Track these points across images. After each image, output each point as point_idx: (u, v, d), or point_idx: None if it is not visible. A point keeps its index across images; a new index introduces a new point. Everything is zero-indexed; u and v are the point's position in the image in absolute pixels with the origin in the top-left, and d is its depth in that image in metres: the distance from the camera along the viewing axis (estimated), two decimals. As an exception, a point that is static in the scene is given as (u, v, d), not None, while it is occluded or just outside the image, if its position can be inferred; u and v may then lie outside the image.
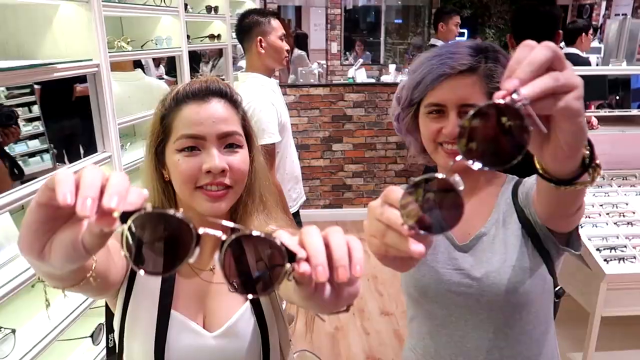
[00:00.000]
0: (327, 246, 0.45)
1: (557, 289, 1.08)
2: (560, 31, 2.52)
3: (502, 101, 0.45)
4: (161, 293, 0.90)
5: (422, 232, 0.48)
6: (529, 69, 0.47)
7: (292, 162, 2.46)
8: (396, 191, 0.51)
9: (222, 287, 0.95)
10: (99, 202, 0.43)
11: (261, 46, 2.24)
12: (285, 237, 0.45)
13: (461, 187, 0.47)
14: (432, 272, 1.05)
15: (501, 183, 1.10)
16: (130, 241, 0.44)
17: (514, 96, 0.45)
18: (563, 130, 0.52)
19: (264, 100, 2.17)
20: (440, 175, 0.47)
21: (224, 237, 0.44)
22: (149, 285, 0.91)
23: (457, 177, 0.47)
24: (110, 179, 0.45)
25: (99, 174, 0.45)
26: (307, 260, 0.44)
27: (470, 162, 0.48)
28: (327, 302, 0.46)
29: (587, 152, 0.61)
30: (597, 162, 0.62)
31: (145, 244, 0.45)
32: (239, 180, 0.91)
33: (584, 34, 4.06)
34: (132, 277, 0.92)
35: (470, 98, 0.97)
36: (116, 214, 0.43)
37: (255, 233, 0.44)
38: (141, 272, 0.45)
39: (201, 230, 0.45)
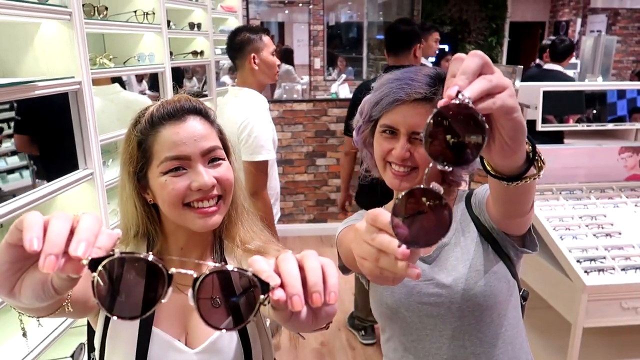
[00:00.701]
0: (302, 269, 0.46)
1: (521, 292, 1.13)
2: (420, 45, 2.69)
3: (456, 101, 0.50)
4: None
5: (416, 247, 0.50)
6: (464, 77, 0.52)
7: (275, 179, 2.48)
8: (383, 214, 0.52)
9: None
10: (65, 249, 0.43)
11: (254, 62, 2.28)
12: (260, 264, 0.46)
13: (442, 192, 0.50)
14: (401, 287, 1.07)
15: (454, 198, 1.15)
16: (102, 286, 0.44)
17: (460, 96, 0.50)
18: (504, 127, 0.57)
19: (261, 116, 2.20)
20: (421, 186, 0.49)
21: (195, 275, 0.45)
22: None
23: (436, 185, 0.49)
24: (80, 224, 0.45)
25: (66, 224, 0.44)
26: (283, 287, 0.44)
27: (440, 164, 0.51)
28: (304, 323, 0.47)
29: (530, 147, 0.67)
30: (540, 155, 0.69)
31: (117, 289, 0.45)
32: (228, 190, 0.92)
33: (573, 53, 4.26)
34: None
35: (421, 126, 0.98)
36: (84, 262, 0.43)
37: (227, 268, 0.45)
38: (114, 318, 0.44)
39: (173, 271, 0.45)
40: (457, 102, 0.50)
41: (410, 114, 1.02)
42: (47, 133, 1.56)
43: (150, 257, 0.45)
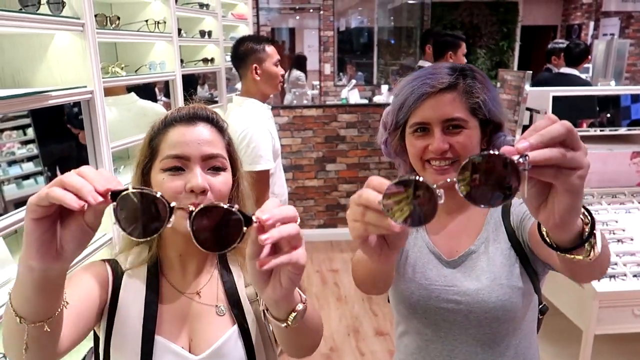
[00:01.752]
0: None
1: (541, 306, 1.11)
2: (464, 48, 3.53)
3: (511, 157, 0.52)
4: (144, 318, 0.90)
5: (399, 222, 0.55)
6: (540, 138, 0.53)
7: (281, 186, 2.51)
8: (379, 178, 0.57)
9: (208, 310, 0.95)
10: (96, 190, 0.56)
11: (257, 73, 2.31)
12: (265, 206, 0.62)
13: (441, 201, 0.53)
14: (421, 289, 1.07)
15: None
16: (121, 212, 0.58)
17: (521, 159, 0.52)
18: (559, 201, 0.57)
19: (260, 127, 2.23)
20: (420, 178, 0.53)
21: (192, 209, 0.59)
22: (131, 313, 0.91)
23: (440, 191, 0.53)
24: (89, 173, 0.58)
25: (78, 177, 0.57)
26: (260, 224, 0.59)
27: (460, 191, 0.54)
28: (264, 262, 0.60)
29: (587, 228, 0.64)
30: (595, 239, 0.65)
31: (131, 216, 0.58)
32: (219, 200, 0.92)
33: (589, 56, 4.25)
34: (113, 307, 0.91)
35: (452, 113, 1.01)
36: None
37: (215, 204, 0.59)
38: (130, 237, 0.59)
39: (174, 204, 0.59)
40: (515, 159, 0.52)
41: (439, 104, 1.02)
42: (62, 140, 1.59)
43: (158, 194, 0.59)
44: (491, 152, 0.52)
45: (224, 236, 0.60)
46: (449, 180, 0.54)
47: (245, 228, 0.58)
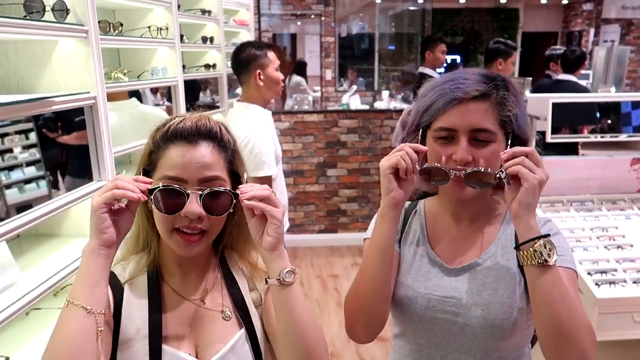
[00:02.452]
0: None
1: None
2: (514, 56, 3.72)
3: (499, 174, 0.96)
4: (150, 331, 0.90)
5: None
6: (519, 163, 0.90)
7: (281, 191, 2.54)
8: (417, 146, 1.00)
9: (213, 315, 0.95)
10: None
11: (260, 79, 2.34)
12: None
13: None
14: (420, 298, 1.06)
15: (501, 219, 1.11)
16: (156, 200, 0.86)
17: (502, 174, 0.95)
18: (522, 192, 0.90)
19: (263, 133, 2.26)
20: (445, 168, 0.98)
21: (200, 193, 0.87)
22: (135, 326, 0.90)
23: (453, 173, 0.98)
24: (130, 178, 0.86)
25: (124, 181, 0.84)
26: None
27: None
28: (246, 198, 0.86)
29: (539, 241, 0.90)
30: (529, 250, 0.90)
31: (162, 202, 0.86)
32: (215, 225, 0.91)
33: (586, 62, 4.27)
34: (117, 323, 0.90)
35: (482, 124, 0.98)
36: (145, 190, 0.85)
37: (217, 189, 0.88)
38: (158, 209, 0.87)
39: (189, 192, 0.86)
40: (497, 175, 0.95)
41: (469, 112, 0.98)
42: (64, 145, 1.61)
43: (179, 187, 0.86)
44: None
45: (222, 206, 0.89)
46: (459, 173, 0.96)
47: (234, 200, 0.89)
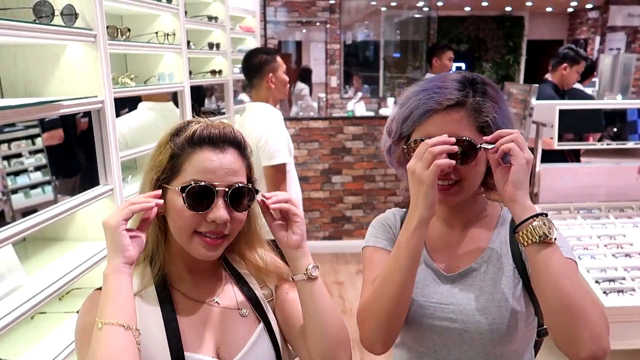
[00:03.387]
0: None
1: (540, 328, 1.08)
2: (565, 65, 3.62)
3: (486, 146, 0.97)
4: (169, 339, 0.88)
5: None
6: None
7: (296, 185, 2.68)
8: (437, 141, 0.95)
9: (231, 313, 0.96)
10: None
11: (272, 81, 2.55)
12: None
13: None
14: (416, 306, 1.05)
15: (494, 222, 1.10)
16: (189, 198, 0.87)
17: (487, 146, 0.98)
18: (513, 171, 0.92)
19: (275, 126, 2.48)
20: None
21: (226, 190, 0.88)
22: (153, 338, 0.88)
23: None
24: (147, 194, 0.89)
25: (141, 197, 0.88)
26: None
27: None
28: (269, 203, 0.93)
29: (537, 218, 0.91)
30: (528, 228, 0.90)
31: (193, 200, 0.87)
32: (235, 230, 0.94)
33: (595, 72, 4.25)
34: None
35: (459, 133, 0.96)
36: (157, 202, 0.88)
37: (241, 185, 0.90)
38: (196, 212, 0.88)
39: (218, 188, 0.87)
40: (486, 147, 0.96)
41: (445, 122, 0.97)
42: (70, 149, 1.61)
43: (208, 184, 0.87)
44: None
45: (244, 208, 0.92)
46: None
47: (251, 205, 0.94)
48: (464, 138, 0.96)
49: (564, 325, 0.87)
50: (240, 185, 0.89)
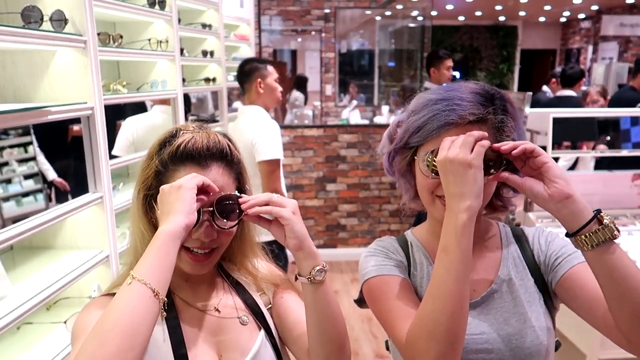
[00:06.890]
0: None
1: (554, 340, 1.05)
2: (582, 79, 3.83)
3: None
4: (173, 346, 0.87)
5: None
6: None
7: (283, 187, 2.78)
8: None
9: (231, 322, 0.95)
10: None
11: (260, 87, 2.71)
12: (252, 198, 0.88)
13: None
14: None
15: (499, 240, 1.05)
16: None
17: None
18: (552, 167, 0.84)
19: (268, 122, 2.61)
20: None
21: (220, 195, 0.87)
22: (157, 344, 0.86)
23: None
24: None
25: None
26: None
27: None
28: (247, 207, 0.86)
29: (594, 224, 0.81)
30: (600, 226, 0.81)
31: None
32: (226, 242, 0.93)
33: (583, 79, 4.42)
34: None
35: None
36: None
37: (227, 194, 0.88)
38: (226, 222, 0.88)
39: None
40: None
41: None
42: (60, 157, 1.59)
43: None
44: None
45: (233, 220, 0.88)
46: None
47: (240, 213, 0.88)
48: (491, 147, 0.87)
49: None
50: (225, 202, 0.86)
